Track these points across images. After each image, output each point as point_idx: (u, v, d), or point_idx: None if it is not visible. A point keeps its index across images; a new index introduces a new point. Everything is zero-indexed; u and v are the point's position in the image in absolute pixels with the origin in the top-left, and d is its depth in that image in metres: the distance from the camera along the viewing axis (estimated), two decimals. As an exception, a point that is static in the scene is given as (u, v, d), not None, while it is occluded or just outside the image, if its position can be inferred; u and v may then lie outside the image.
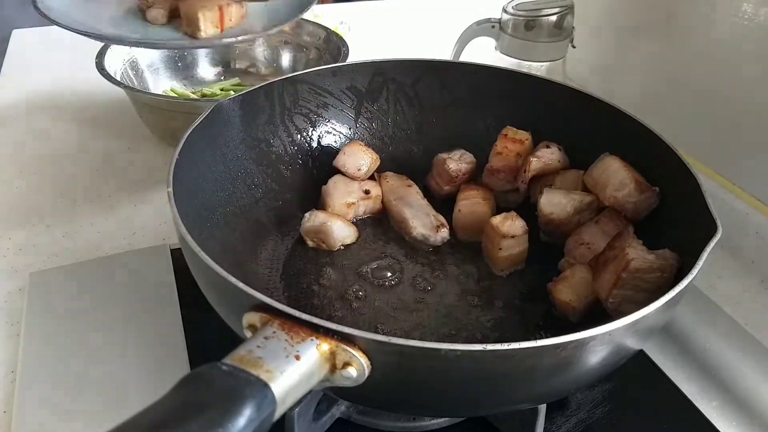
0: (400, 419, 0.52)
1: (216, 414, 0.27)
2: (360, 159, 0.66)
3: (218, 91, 0.94)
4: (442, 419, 0.52)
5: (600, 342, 0.37)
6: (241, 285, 0.38)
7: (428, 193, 0.69)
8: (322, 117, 0.70)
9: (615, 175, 0.57)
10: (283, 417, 0.35)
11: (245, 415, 0.28)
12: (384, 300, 0.58)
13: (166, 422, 0.27)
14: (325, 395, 0.50)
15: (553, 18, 0.84)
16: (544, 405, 0.48)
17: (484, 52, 0.90)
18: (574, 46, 0.87)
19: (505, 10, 0.87)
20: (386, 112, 0.72)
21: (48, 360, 0.56)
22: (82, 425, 0.51)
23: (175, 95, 0.93)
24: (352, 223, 0.66)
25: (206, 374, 0.30)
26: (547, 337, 0.34)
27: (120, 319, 0.60)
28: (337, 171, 0.67)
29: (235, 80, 0.99)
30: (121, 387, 0.54)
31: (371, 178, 0.68)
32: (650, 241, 0.55)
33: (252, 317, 0.36)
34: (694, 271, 0.42)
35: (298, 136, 0.68)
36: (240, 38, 0.76)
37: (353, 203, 0.65)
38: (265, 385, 0.31)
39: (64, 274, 0.65)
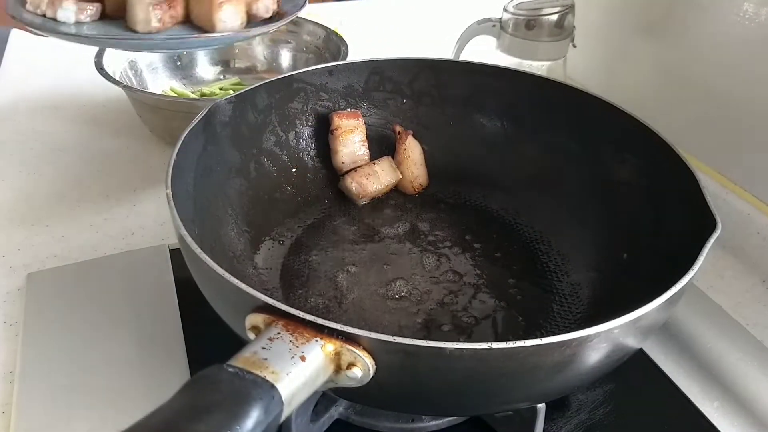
0: (398, 420, 0.52)
1: (224, 416, 0.27)
2: None
3: (218, 91, 0.94)
4: (441, 421, 0.52)
5: (603, 339, 0.37)
6: (243, 286, 0.37)
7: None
8: (319, 116, 0.69)
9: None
10: (280, 417, 0.35)
11: (253, 417, 0.28)
12: (374, 289, 0.58)
13: (174, 425, 0.27)
14: (323, 396, 0.50)
15: (554, 17, 0.84)
16: (543, 406, 0.48)
17: (485, 52, 0.90)
18: (575, 46, 0.87)
19: (505, 10, 0.86)
20: (383, 111, 0.72)
21: (46, 360, 0.56)
22: (80, 425, 0.51)
23: (175, 95, 0.92)
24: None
25: (212, 376, 0.30)
26: (546, 334, 0.35)
27: (119, 319, 0.60)
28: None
29: (235, 79, 0.98)
30: (119, 387, 0.54)
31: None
32: (650, 241, 0.55)
33: (255, 318, 0.36)
34: (695, 267, 0.41)
35: (294, 134, 0.68)
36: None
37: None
38: (272, 387, 0.30)
39: (63, 274, 0.65)
